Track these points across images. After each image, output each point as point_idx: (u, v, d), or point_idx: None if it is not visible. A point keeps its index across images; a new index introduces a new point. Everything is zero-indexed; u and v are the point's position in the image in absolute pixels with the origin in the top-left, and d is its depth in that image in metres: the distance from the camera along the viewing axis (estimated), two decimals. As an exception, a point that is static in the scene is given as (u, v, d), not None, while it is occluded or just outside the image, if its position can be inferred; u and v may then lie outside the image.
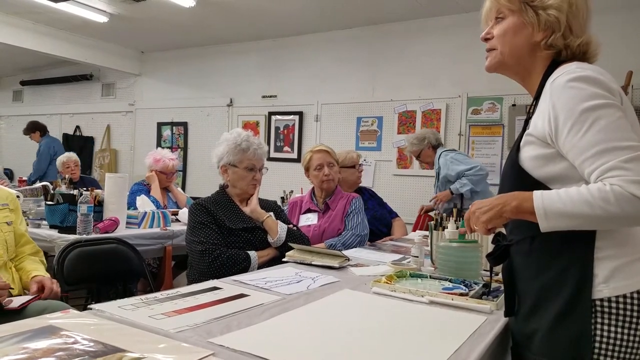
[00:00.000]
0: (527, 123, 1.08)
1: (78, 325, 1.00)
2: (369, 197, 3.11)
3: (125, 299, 1.23)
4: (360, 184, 3.06)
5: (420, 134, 3.76)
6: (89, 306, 1.15)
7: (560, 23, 1.04)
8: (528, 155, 1.04)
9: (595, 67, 1.01)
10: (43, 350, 0.86)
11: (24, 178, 4.41)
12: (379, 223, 2.95)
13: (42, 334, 0.94)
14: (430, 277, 1.57)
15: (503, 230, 1.17)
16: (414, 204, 4.40)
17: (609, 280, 0.93)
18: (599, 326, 0.93)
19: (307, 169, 2.58)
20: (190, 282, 1.85)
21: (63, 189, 2.80)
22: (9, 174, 5.46)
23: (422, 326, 1.15)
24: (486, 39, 1.14)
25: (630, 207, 0.86)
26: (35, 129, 5.62)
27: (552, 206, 0.93)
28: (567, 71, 0.99)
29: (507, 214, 1.01)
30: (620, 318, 0.92)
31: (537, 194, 0.95)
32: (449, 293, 1.33)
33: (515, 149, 1.08)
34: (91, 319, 1.05)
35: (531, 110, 1.08)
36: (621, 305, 0.92)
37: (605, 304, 0.93)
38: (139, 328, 1.01)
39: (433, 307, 1.28)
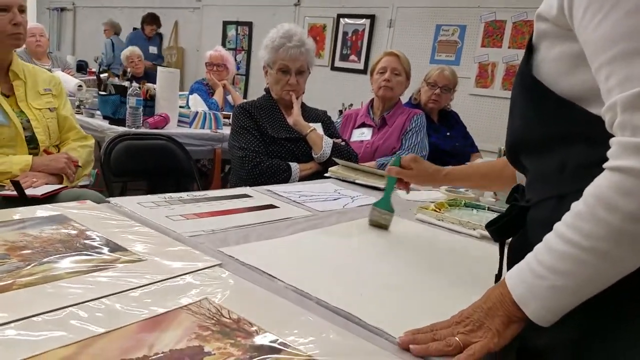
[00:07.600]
0: None
1: (89, 218, 0.94)
2: (455, 122, 2.73)
3: (148, 195, 1.17)
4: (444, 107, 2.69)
5: None
6: (106, 199, 1.10)
7: None
8: (546, 57, 0.67)
9: None
10: (42, 240, 0.81)
11: (94, 69, 4.52)
12: (459, 158, 2.49)
13: (50, 223, 0.89)
14: (489, 208, 1.39)
15: (524, 183, 0.78)
16: (491, 130, 3.90)
17: None
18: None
19: (372, 72, 2.36)
20: (231, 187, 1.79)
21: (116, 80, 2.78)
22: (84, 65, 5.61)
23: (460, 261, 1.00)
24: None
25: None
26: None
27: (539, 286, 0.58)
28: None
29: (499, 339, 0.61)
30: None
31: (510, 282, 0.62)
32: (505, 230, 1.15)
33: (526, 53, 0.71)
34: (105, 213, 0.99)
35: None
36: None
37: None
38: (151, 228, 0.94)
39: (484, 242, 1.11)
